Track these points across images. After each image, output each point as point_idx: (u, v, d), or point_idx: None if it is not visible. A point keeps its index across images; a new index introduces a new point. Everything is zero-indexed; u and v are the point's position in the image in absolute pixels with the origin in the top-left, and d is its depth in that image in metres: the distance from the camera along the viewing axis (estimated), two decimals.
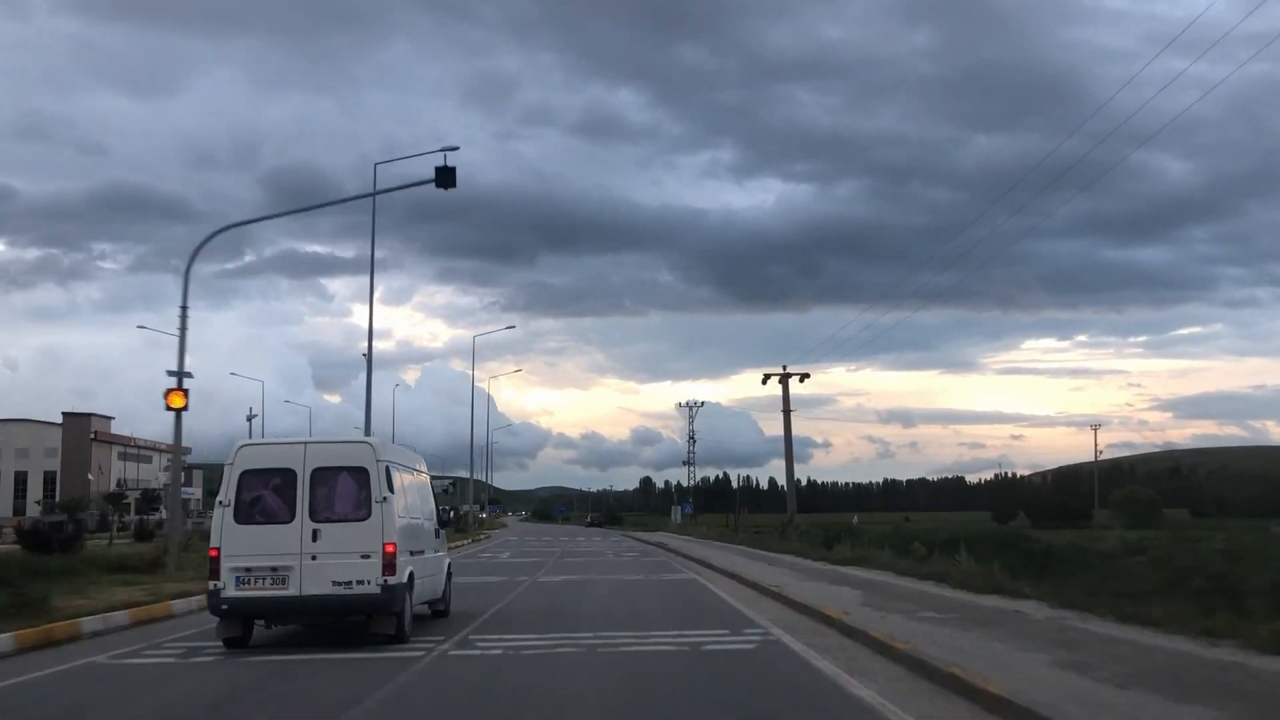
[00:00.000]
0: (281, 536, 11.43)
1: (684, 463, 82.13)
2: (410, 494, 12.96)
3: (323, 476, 11.67)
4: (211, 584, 11.48)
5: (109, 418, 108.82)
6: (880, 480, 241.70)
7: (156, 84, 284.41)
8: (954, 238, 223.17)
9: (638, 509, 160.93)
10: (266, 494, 11.64)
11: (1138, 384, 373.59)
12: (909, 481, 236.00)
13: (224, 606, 11.38)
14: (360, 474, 11.67)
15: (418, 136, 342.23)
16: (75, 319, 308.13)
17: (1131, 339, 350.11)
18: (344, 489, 11.66)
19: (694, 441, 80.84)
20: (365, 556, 11.41)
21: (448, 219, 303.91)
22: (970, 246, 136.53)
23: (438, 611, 14.46)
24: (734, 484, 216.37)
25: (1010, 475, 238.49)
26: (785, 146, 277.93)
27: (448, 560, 15.14)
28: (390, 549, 11.46)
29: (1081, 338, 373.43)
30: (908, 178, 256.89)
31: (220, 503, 11.64)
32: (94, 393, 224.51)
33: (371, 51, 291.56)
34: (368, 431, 28.88)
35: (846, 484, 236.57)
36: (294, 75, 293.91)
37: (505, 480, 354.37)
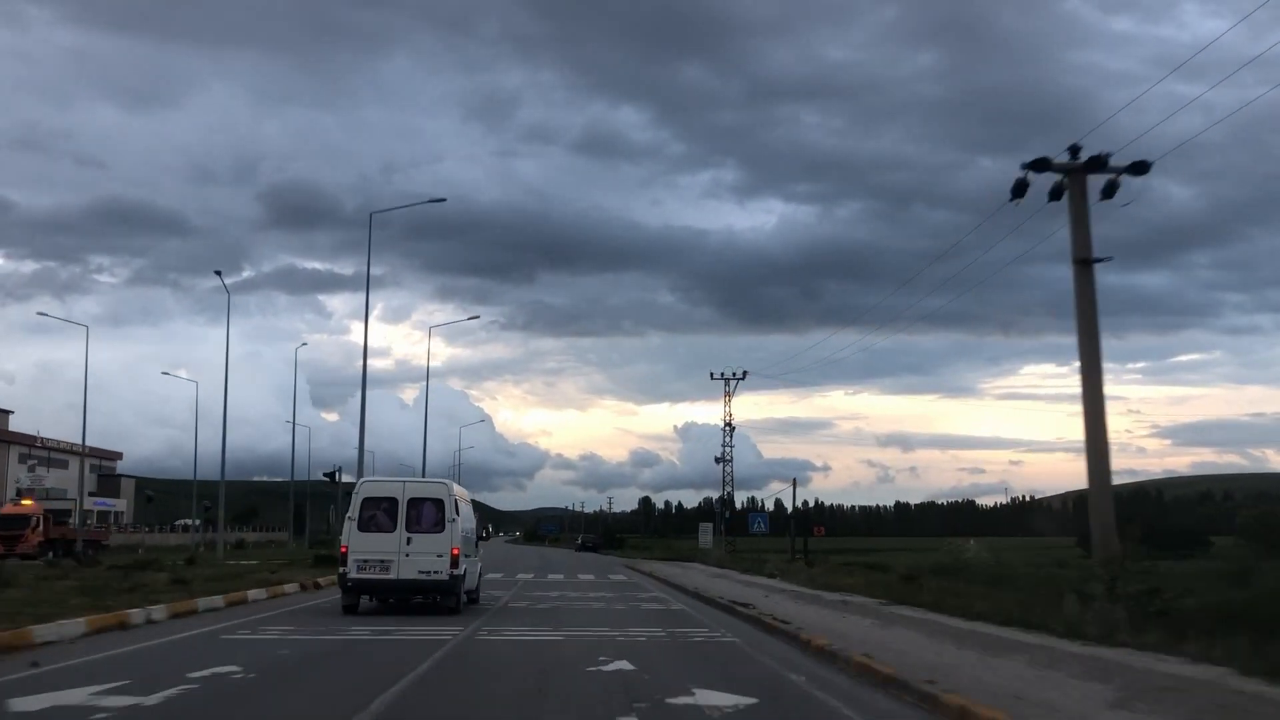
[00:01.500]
0: (387, 541, 17.83)
1: (723, 487, 64.48)
2: (465, 517, 19.30)
3: (414, 504, 18.20)
4: (341, 569, 18.05)
5: (6, 411, 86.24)
6: (884, 504, 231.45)
7: (156, 97, 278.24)
8: (955, 261, 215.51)
9: (638, 530, 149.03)
10: (379, 513, 18.14)
11: (1137, 410, 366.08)
12: (918, 505, 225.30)
13: (349, 584, 17.83)
14: (438, 503, 18.26)
15: (417, 154, 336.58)
16: (74, 332, 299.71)
17: (1130, 365, 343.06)
18: (428, 512, 18.14)
19: (729, 456, 63.22)
20: (439, 556, 17.79)
21: (447, 236, 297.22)
22: (971, 270, 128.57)
23: (472, 599, 20.06)
24: (738, 505, 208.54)
25: (1027, 499, 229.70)
26: (787, 167, 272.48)
27: (480, 564, 21.49)
28: (455, 551, 17.89)
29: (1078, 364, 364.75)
30: (910, 200, 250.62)
31: (349, 518, 18.25)
32: (89, 408, 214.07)
33: (372, 67, 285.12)
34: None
35: (853, 507, 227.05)
36: (294, 90, 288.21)
37: (502, 500, 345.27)
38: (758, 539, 64.51)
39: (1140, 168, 14.94)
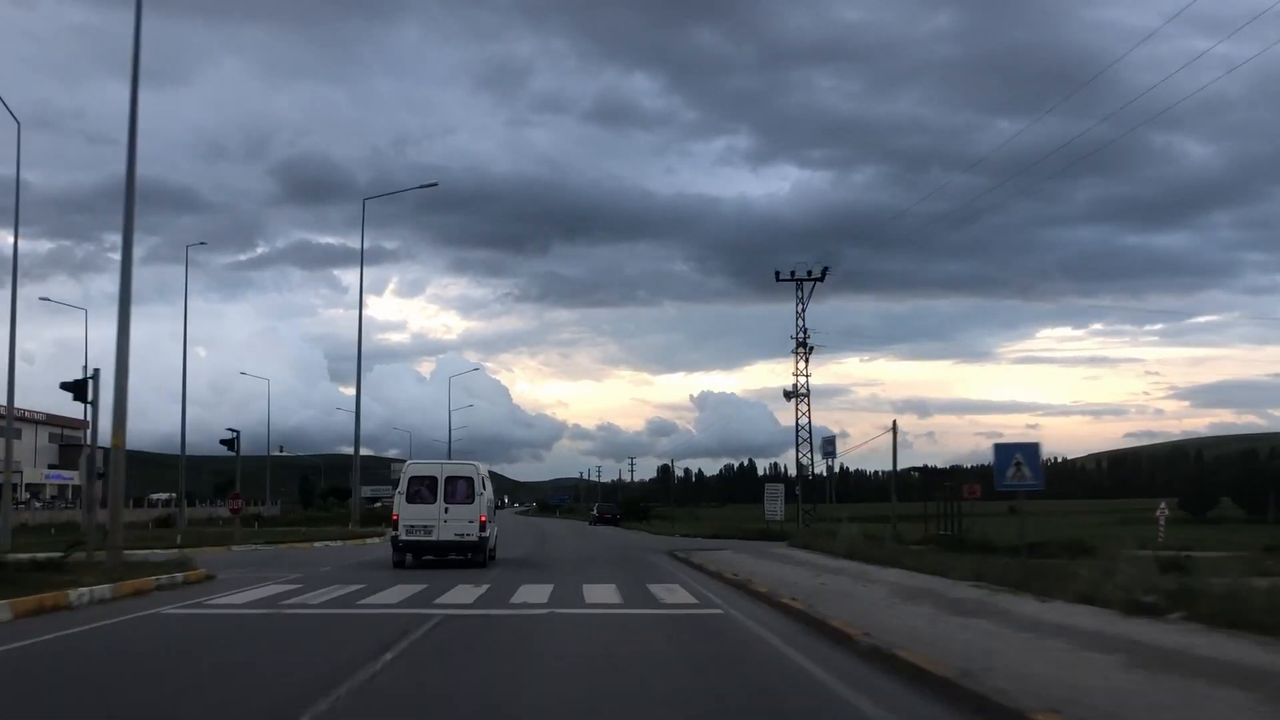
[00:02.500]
0: (429, 510, 22.04)
1: (799, 439, 50.57)
2: (488, 491, 23.93)
3: (450, 481, 22.41)
4: (392, 532, 23.03)
5: None
6: (909, 468, 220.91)
7: (166, 74, 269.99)
8: (973, 225, 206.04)
9: (657, 500, 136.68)
10: (422, 488, 22.36)
11: (1155, 372, 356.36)
12: (951, 469, 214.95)
13: (400, 544, 22.03)
14: (469, 480, 22.50)
15: (429, 126, 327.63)
16: (91, 311, 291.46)
17: (1148, 327, 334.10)
18: (461, 488, 22.31)
19: (803, 390, 50.63)
20: (471, 521, 22.04)
21: (460, 209, 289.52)
22: (989, 234, 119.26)
23: (491, 557, 23.43)
24: (759, 471, 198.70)
25: (1059, 461, 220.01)
26: (802, 133, 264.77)
27: (497, 529, 25.45)
28: (483, 518, 22.24)
29: (1097, 326, 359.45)
30: (927, 164, 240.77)
31: (399, 492, 22.81)
32: (106, 385, 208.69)
33: (382, 37, 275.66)
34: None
35: (876, 473, 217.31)
36: (304, 63, 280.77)
37: (521, 471, 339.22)
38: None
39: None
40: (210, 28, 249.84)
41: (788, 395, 49.24)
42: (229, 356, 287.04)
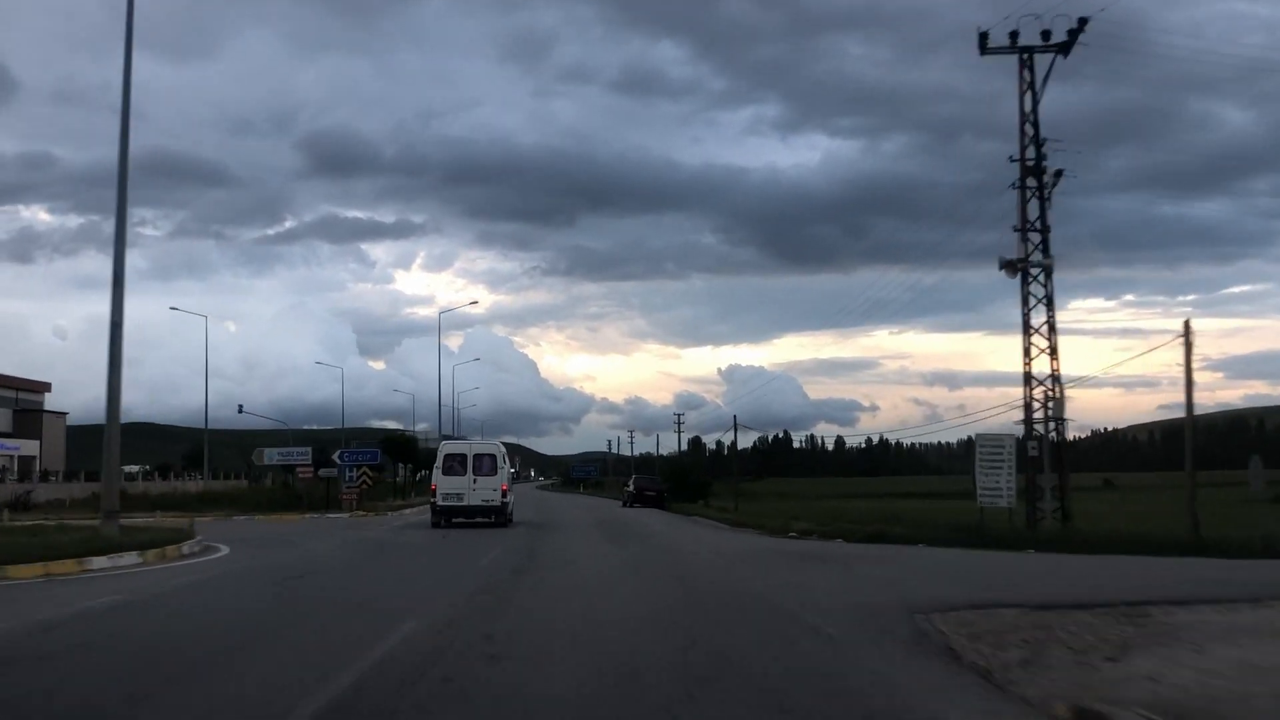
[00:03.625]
0: (461, 480, 27.36)
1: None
2: (507, 465, 29.34)
3: (478, 458, 27.83)
4: (432, 500, 28.30)
5: None
6: (948, 441, 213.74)
7: (192, 48, 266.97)
8: (1005, 194, 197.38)
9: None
10: (455, 463, 27.59)
11: (1190, 343, 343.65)
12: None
13: (438, 508, 27.64)
14: (492, 457, 28.09)
15: (454, 99, 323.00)
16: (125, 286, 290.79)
17: (1181, 298, 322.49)
18: (486, 463, 27.70)
19: (1048, 326, 48.40)
20: (494, 490, 27.44)
21: (487, 181, 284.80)
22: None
23: (510, 520, 28.30)
24: (794, 444, 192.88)
25: (1106, 431, 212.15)
26: (831, 101, 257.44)
27: (513, 497, 29.87)
28: (504, 488, 27.83)
29: (1129, 297, 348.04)
30: (959, 132, 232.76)
31: (436, 467, 28.00)
32: (140, 361, 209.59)
33: (406, 9, 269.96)
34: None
35: (919, 445, 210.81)
36: (329, 36, 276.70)
37: (549, 445, 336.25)
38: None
39: None
40: (235, 1, 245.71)
41: (1011, 266, 25.54)
42: (258, 331, 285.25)
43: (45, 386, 71.46)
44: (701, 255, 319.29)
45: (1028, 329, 25.66)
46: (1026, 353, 25.73)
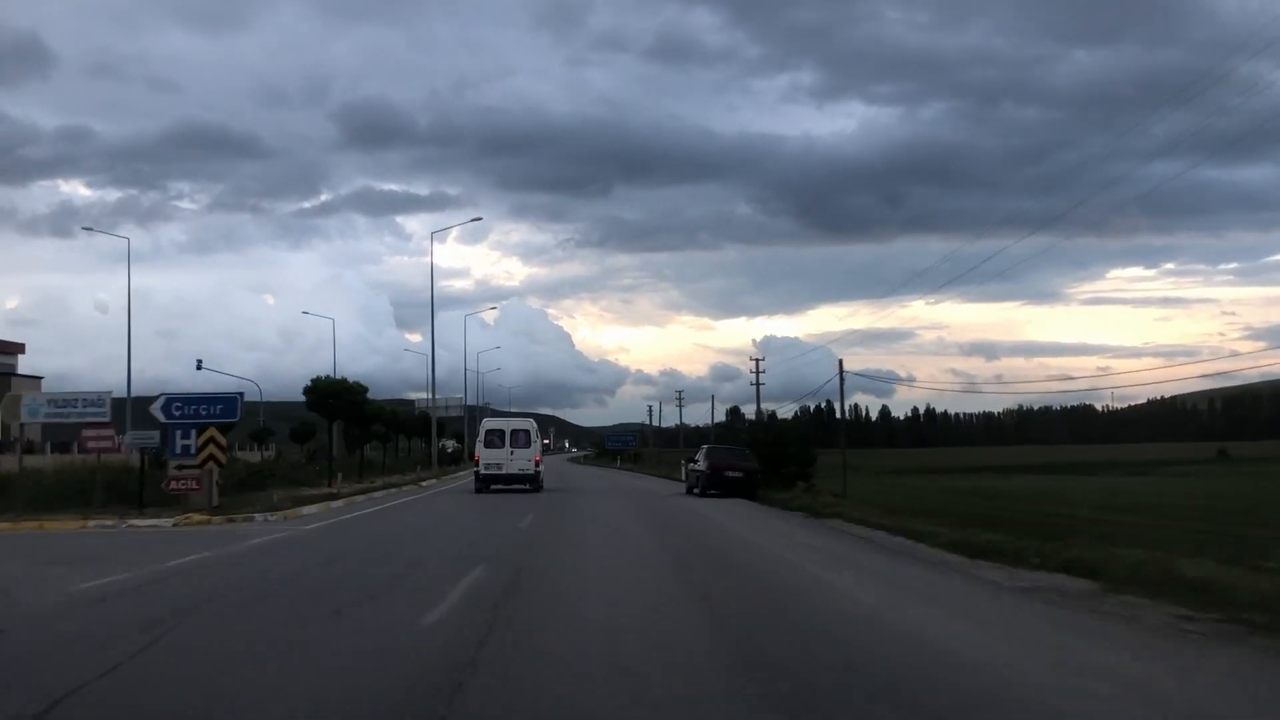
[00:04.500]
0: (500, 452, 31.23)
1: None
2: (538, 439, 32.51)
3: (514, 433, 31.61)
4: (475, 469, 32.60)
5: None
6: (991, 410, 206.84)
7: (225, 18, 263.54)
8: (1045, 160, 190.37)
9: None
10: (495, 437, 31.62)
11: (1231, 312, 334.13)
12: (1039, 409, 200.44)
13: (480, 476, 31.50)
14: (526, 432, 31.68)
15: (487, 68, 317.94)
16: (164, 260, 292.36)
17: (1222, 266, 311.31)
18: (521, 437, 31.42)
19: None
20: (529, 460, 31.15)
21: (520, 152, 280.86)
22: (1062, 170, 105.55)
23: (540, 486, 31.54)
24: (836, 414, 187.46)
25: (1162, 399, 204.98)
26: (868, 67, 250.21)
27: (544, 466, 33.29)
28: (537, 459, 31.48)
29: (1169, 265, 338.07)
30: (999, 98, 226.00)
31: (479, 440, 32.37)
32: (179, 333, 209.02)
33: None
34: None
35: (965, 415, 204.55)
36: (362, 6, 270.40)
37: (584, 417, 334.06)
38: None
39: None
40: None
41: None
42: (297, 304, 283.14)
43: (18, 348, 66.96)
44: (736, 225, 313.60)
45: None
46: None
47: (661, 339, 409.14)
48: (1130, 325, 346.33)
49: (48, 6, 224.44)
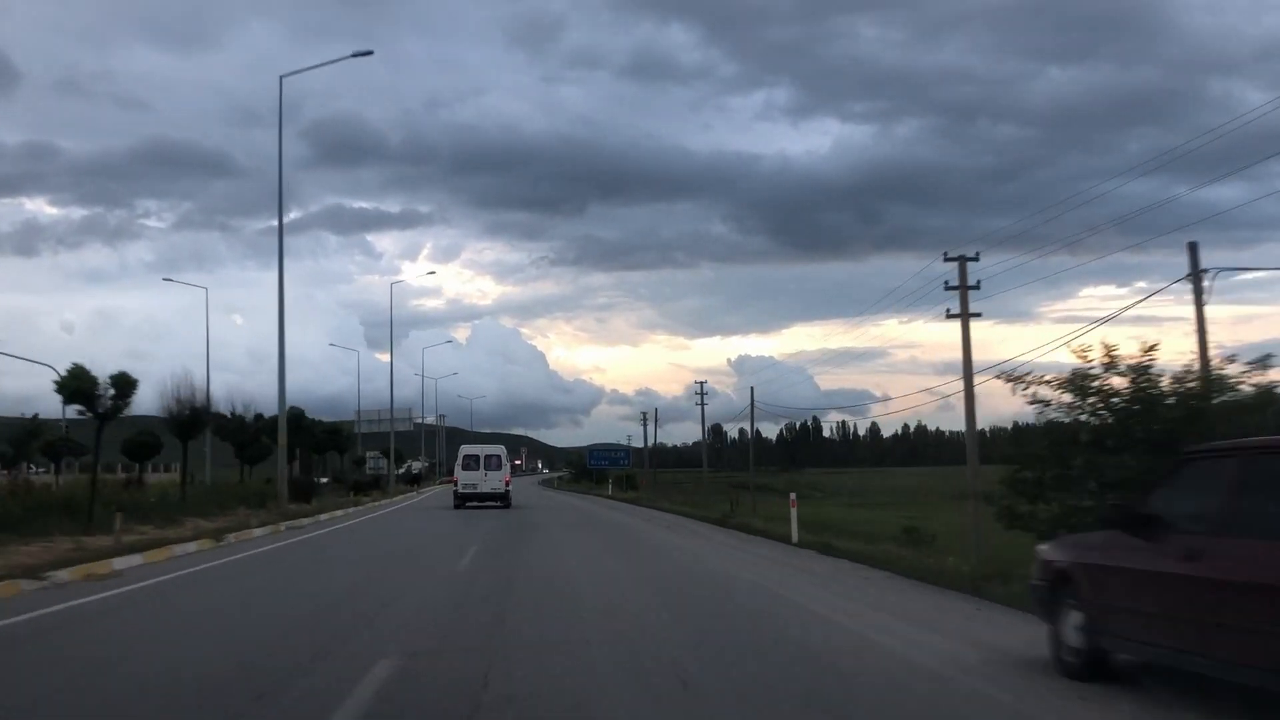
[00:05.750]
0: (475, 474, 37.30)
1: None
2: (509, 462, 39.24)
3: (487, 457, 37.94)
4: (454, 488, 37.89)
5: None
6: (984, 428, 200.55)
7: (194, 37, 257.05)
8: (1019, 178, 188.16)
9: (710, 464, 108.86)
10: (470, 460, 37.70)
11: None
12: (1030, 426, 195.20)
13: (458, 494, 37.16)
14: (498, 457, 38.12)
15: (460, 86, 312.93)
16: (131, 280, 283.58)
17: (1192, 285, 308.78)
18: (494, 461, 37.70)
19: None
20: (500, 481, 37.12)
21: (495, 170, 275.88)
22: (1036, 188, 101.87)
23: (509, 504, 37.09)
24: (825, 432, 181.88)
25: None
26: (843, 85, 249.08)
27: (513, 486, 39.37)
28: (507, 480, 37.71)
29: (1141, 284, 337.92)
30: (974, 115, 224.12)
31: (457, 463, 38.07)
32: (147, 354, 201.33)
33: None
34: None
35: (949, 432, 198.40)
36: (333, 24, 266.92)
37: (558, 437, 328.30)
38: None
39: None
40: None
41: None
42: (266, 324, 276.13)
43: None
44: (712, 244, 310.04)
45: None
46: None
47: (636, 359, 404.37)
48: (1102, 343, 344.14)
49: (12, 22, 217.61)
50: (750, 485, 47.17)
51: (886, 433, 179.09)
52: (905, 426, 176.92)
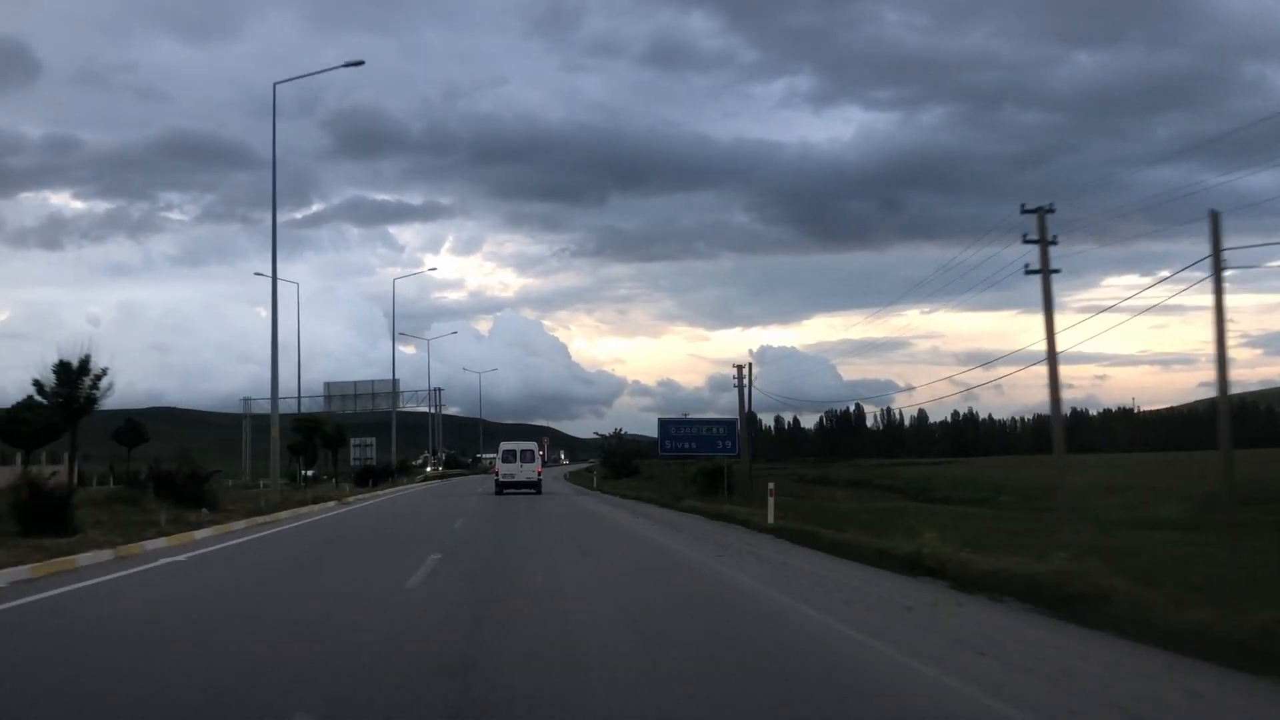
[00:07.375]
0: (513, 466, 45.75)
1: None
2: (540, 456, 49.22)
3: (523, 451, 46.88)
4: (495, 477, 47.36)
5: None
6: (1023, 418, 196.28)
7: (213, 28, 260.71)
8: (1045, 165, 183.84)
9: (764, 456, 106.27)
10: (510, 455, 46.43)
11: (1230, 319, 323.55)
12: (1098, 414, 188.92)
13: (498, 483, 45.17)
14: (531, 451, 47.22)
15: (479, 76, 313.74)
16: (154, 273, 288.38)
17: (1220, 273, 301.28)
18: (528, 455, 46.55)
19: None
20: (534, 472, 45.84)
21: (514, 160, 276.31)
22: (1063, 174, 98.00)
23: (540, 490, 45.17)
24: (868, 421, 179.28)
25: (1170, 409, 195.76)
26: (867, 72, 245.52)
27: (544, 475, 50.71)
28: (539, 470, 46.83)
29: (1164, 273, 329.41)
30: (1000, 102, 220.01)
31: (497, 456, 47.93)
32: (171, 347, 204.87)
33: None
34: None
35: (1012, 421, 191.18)
36: (352, 14, 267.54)
37: (582, 428, 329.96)
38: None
39: None
40: None
41: None
42: (289, 316, 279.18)
43: None
44: (732, 234, 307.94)
45: None
46: None
47: (657, 350, 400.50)
48: (1125, 333, 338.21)
49: (34, 15, 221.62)
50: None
51: (934, 419, 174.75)
52: (955, 413, 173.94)
